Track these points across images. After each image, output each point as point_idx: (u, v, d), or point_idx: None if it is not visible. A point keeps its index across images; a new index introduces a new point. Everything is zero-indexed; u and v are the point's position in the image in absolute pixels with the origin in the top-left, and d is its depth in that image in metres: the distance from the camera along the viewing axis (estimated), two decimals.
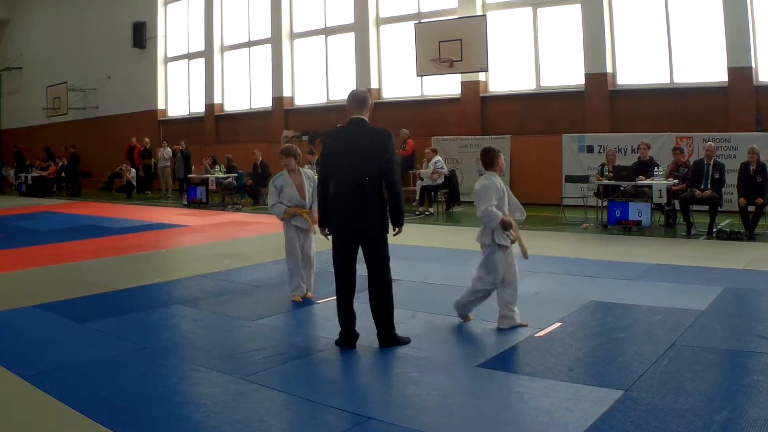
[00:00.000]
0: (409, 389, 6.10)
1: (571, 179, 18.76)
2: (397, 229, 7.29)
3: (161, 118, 33.95)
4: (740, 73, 18.84)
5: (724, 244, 13.68)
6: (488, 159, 7.96)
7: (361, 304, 7.36)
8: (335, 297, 7.47)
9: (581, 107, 21.54)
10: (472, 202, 7.54)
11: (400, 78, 25.70)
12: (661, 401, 5.61)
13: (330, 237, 7.42)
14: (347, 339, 7.33)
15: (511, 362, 6.75)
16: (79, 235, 16.65)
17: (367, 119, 7.30)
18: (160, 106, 34.02)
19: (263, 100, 29.94)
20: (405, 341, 7.33)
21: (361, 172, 7.04)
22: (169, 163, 28.78)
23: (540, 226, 16.51)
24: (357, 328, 7.36)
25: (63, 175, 32.07)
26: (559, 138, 20.76)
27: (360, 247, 7.26)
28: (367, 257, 7.26)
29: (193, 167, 26.02)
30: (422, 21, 24.26)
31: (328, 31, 27.86)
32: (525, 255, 7.87)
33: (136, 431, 5.35)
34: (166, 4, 33.99)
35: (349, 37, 26.87)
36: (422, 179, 20.17)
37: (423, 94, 25.40)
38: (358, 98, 7.28)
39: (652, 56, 20.70)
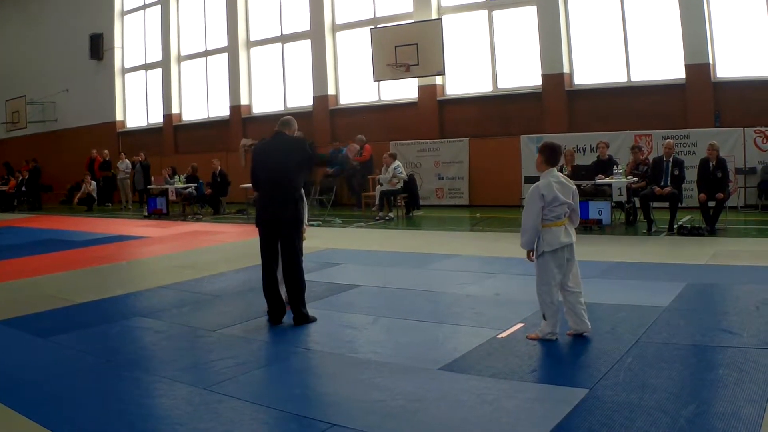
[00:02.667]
0: (373, 395, 6.00)
1: (530, 180, 18.64)
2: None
3: (120, 130, 33.71)
4: (698, 69, 19.00)
5: (685, 240, 13.73)
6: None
7: (318, 309, 7.25)
8: (261, 278, 8.60)
9: (539, 108, 21.62)
10: (432, 205, 7.53)
11: (357, 83, 25.69)
12: (627, 398, 5.55)
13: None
14: (274, 315, 8.53)
15: (474, 364, 6.64)
16: (41, 249, 16.38)
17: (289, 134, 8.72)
18: (119, 117, 33.79)
19: (221, 109, 29.84)
20: (312, 319, 8.42)
21: (278, 172, 8.38)
22: (128, 175, 28.54)
23: (500, 227, 16.54)
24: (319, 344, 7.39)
25: (23, 189, 31.73)
26: (517, 139, 20.81)
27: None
28: (282, 248, 8.43)
29: (152, 178, 25.77)
30: (378, 26, 24.24)
31: (284, 39, 27.81)
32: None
33: None
34: (122, 15, 33.77)
35: (306, 44, 26.83)
36: (381, 184, 20.07)
37: (380, 99, 25.42)
38: (285, 121, 8.75)
39: (609, 55, 20.83)
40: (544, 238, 7.19)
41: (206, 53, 30.59)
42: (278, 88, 28.11)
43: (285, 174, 8.36)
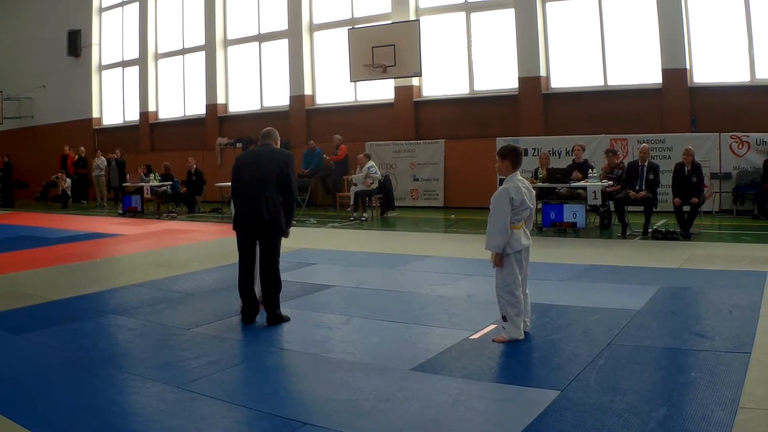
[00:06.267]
0: (345, 394, 5.99)
1: None
2: (286, 230, 8.61)
3: (96, 127, 33.47)
4: (675, 74, 19.11)
5: (659, 244, 13.79)
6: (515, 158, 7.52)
7: (292, 309, 7.23)
8: (236, 277, 8.63)
9: (515, 111, 21.68)
10: (407, 206, 7.57)
11: (334, 84, 25.64)
12: (598, 401, 5.56)
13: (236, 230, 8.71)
14: (248, 313, 8.57)
15: (446, 365, 6.64)
16: (14, 246, 16.21)
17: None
18: (95, 114, 33.55)
19: (197, 108, 29.69)
20: (286, 319, 8.45)
21: (262, 176, 8.41)
22: (103, 172, 28.28)
23: (474, 229, 16.52)
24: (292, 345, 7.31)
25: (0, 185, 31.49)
26: (493, 142, 20.74)
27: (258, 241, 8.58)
28: (261, 247, 8.53)
29: (128, 176, 25.62)
30: (355, 27, 24.19)
31: (261, 38, 27.72)
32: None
33: None
34: (100, 11, 33.52)
35: (283, 44, 26.74)
36: (355, 184, 20.01)
37: (357, 99, 25.37)
38: (268, 133, 8.94)
39: (586, 59, 20.89)
40: (507, 241, 7.31)
41: (183, 51, 30.44)
42: (255, 87, 28.01)
43: (268, 177, 8.38)
